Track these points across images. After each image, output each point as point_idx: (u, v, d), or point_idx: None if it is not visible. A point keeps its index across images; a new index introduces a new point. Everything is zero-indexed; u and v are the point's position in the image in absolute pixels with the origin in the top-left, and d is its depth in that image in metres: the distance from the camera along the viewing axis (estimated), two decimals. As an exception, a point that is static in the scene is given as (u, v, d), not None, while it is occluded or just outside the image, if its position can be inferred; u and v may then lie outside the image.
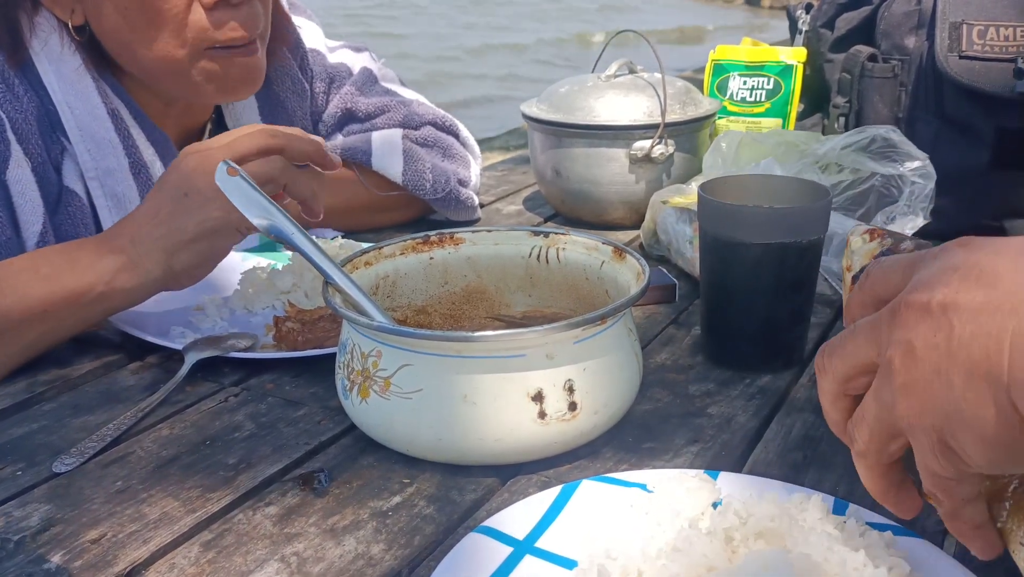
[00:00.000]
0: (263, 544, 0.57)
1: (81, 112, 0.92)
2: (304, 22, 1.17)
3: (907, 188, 0.94)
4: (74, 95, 0.91)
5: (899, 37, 1.09)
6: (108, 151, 0.93)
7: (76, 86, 0.91)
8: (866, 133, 0.96)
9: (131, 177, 0.95)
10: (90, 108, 0.92)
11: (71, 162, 0.93)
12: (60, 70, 0.91)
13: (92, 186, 0.94)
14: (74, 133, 0.92)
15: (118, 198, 0.95)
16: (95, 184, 0.94)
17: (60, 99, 0.91)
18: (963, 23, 1.00)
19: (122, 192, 0.95)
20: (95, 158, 0.93)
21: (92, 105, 0.92)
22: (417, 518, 0.60)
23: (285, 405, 0.75)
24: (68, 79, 0.91)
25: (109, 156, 0.93)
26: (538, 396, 0.62)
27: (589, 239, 0.77)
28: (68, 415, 0.74)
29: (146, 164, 0.96)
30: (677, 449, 0.68)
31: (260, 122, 1.09)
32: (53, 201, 0.92)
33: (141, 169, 0.96)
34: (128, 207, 0.95)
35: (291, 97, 1.10)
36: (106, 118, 0.93)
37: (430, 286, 0.80)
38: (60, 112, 0.91)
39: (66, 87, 0.91)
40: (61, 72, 0.91)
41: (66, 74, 0.91)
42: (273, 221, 0.71)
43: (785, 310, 0.78)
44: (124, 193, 0.95)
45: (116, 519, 0.60)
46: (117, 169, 0.94)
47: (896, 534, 0.53)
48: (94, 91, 0.92)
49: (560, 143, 1.17)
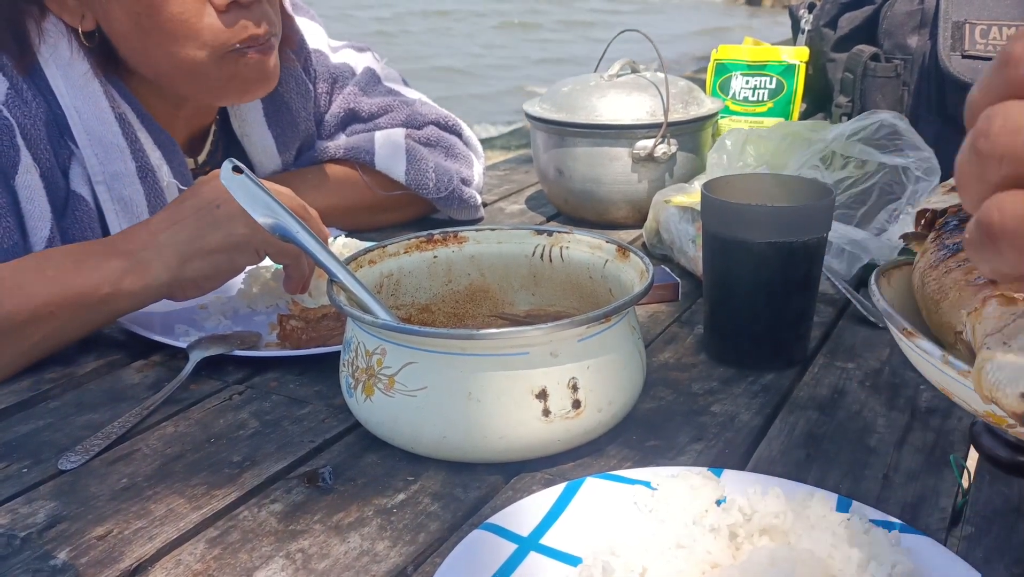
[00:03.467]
0: (268, 541, 0.58)
1: (89, 116, 0.92)
2: (307, 23, 1.17)
3: (911, 185, 0.95)
4: (82, 99, 0.91)
5: (901, 36, 1.10)
6: (115, 155, 0.93)
7: (84, 91, 0.91)
8: (873, 119, 0.96)
9: (138, 181, 0.95)
10: (98, 112, 0.92)
11: (78, 166, 0.93)
12: (68, 75, 0.91)
13: (99, 190, 0.94)
14: (81, 137, 0.92)
15: (125, 202, 0.95)
16: (102, 188, 0.94)
17: (68, 103, 0.91)
18: (965, 22, 1.00)
19: (129, 196, 0.95)
20: (102, 162, 0.93)
21: (100, 109, 0.92)
22: (422, 515, 0.60)
23: (289, 403, 0.75)
24: (76, 84, 0.91)
25: (116, 160, 0.94)
26: (542, 394, 0.62)
27: (592, 238, 0.77)
28: (73, 413, 0.74)
29: (153, 168, 0.96)
30: (681, 447, 0.68)
31: (264, 123, 1.09)
32: (60, 205, 0.92)
33: (148, 173, 0.96)
34: (135, 211, 0.95)
35: (295, 98, 1.11)
36: (113, 122, 0.93)
37: (434, 285, 0.80)
38: (68, 116, 0.91)
39: (74, 92, 0.91)
40: (69, 77, 0.91)
41: (74, 79, 0.91)
42: (278, 220, 0.71)
43: (788, 309, 0.78)
44: (131, 197, 0.95)
45: (122, 516, 0.60)
46: (124, 173, 0.94)
47: (900, 532, 0.53)
48: (102, 95, 0.92)
49: (563, 142, 1.17)
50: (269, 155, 1.11)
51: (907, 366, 0.80)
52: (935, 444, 0.68)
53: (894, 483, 0.63)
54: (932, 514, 0.60)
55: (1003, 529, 0.58)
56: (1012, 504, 0.60)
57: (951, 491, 0.62)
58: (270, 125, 1.09)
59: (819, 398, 0.75)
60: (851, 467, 0.65)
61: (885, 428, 0.70)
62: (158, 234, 0.79)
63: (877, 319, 0.88)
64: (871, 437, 0.69)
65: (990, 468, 0.64)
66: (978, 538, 0.57)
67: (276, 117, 1.09)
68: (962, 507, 0.60)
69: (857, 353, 0.83)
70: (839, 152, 0.98)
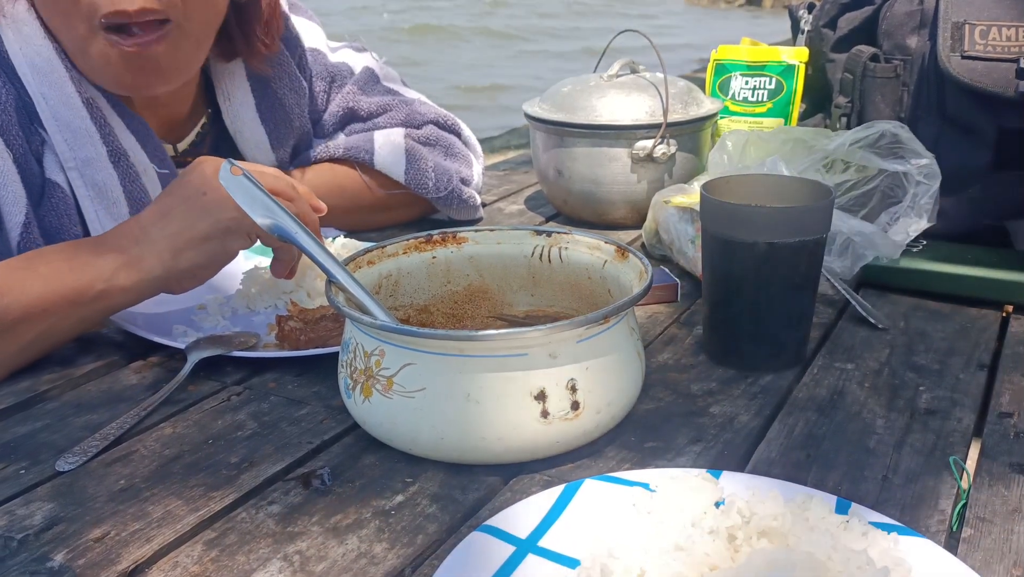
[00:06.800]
0: (266, 543, 0.57)
1: (55, 102, 0.91)
2: (305, 22, 1.17)
3: (911, 188, 0.94)
4: (47, 85, 0.90)
5: (901, 37, 1.09)
6: (85, 140, 0.92)
7: (49, 77, 0.90)
8: (875, 128, 0.96)
9: (111, 165, 0.94)
10: (64, 98, 0.91)
11: (51, 153, 0.92)
12: (34, 61, 0.90)
13: (72, 176, 0.92)
14: (50, 124, 0.91)
15: (99, 188, 0.94)
16: (75, 175, 0.93)
17: (35, 90, 0.90)
18: (965, 23, 1.00)
19: (103, 181, 0.93)
20: (72, 148, 0.92)
21: (66, 95, 0.91)
22: (420, 517, 0.60)
23: (288, 404, 0.75)
24: (41, 70, 0.90)
25: (86, 145, 0.92)
26: (541, 395, 0.62)
27: (591, 238, 0.77)
28: (71, 414, 0.74)
29: (126, 152, 0.95)
30: (679, 448, 0.68)
31: (258, 120, 1.08)
32: (37, 193, 0.91)
33: (121, 157, 0.94)
34: (110, 196, 0.94)
35: (289, 95, 1.10)
36: (81, 107, 0.91)
37: (433, 285, 0.80)
38: (36, 103, 0.90)
39: (40, 78, 0.90)
40: (34, 63, 0.90)
41: (39, 65, 0.90)
42: (276, 220, 0.71)
43: (787, 309, 0.78)
44: (105, 182, 0.94)
45: (119, 518, 0.60)
46: (96, 158, 0.93)
47: (899, 534, 0.53)
48: (67, 80, 0.91)
49: (562, 143, 1.17)
50: (263, 151, 1.11)
51: (907, 367, 0.80)
52: (934, 445, 0.68)
53: (893, 485, 0.63)
54: (931, 516, 0.59)
55: (1002, 531, 0.58)
56: (1011, 506, 0.60)
57: (950, 493, 0.62)
58: (263, 121, 1.09)
59: (818, 399, 0.75)
60: (850, 468, 0.65)
61: (884, 429, 0.70)
62: (148, 228, 0.79)
63: (877, 320, 0.88)
64: (870, 438, 0.69)
65: (990, 470, 0.64)
66: (977, 540, 0.57)
67: (269, 114, 1.09)
68: (961, 509, 0.60)
69: (856, 354, 0.83)
70: (840, 158, 0.98)
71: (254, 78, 1.07)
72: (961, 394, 0.75)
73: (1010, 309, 0.92)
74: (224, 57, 1.05)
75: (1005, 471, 0.64)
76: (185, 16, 0.89)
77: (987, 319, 0.90)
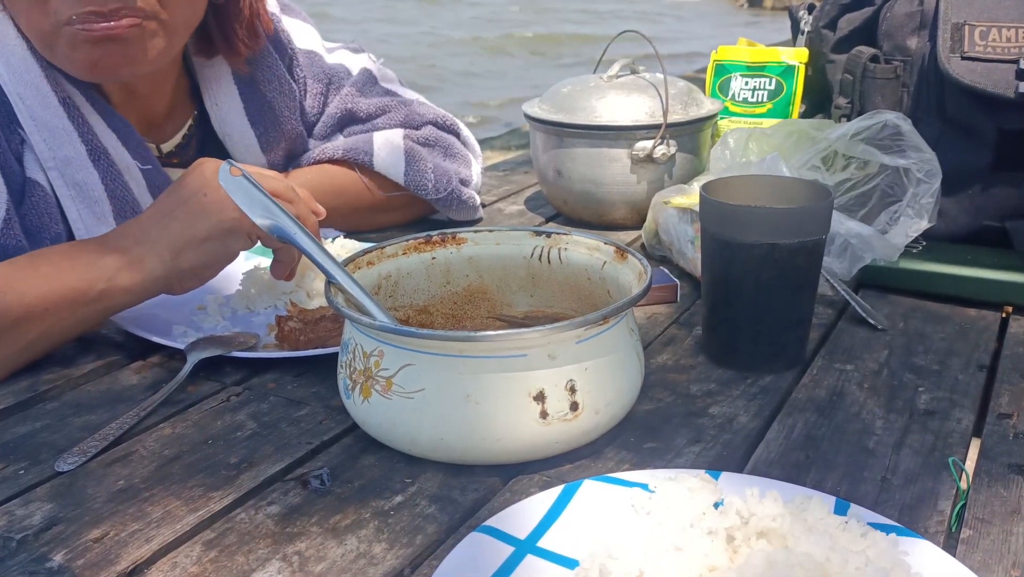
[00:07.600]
0: (265, 543, 0.57)
1: (32, 102, 0.91)
2: (299, 24, 1.17)
3: (912, 187, 0.94)
4: (23, 85, 0.90)
5: (901, 38, 1.09)
6: (63, 139, 0.92)
7: (24, 76, 0.90)
8: (877, 119, 0.96)
9: (91, 164, 0.93)
10: (40, 97, 0.91)
11: (31, 153, 0.92)
12: (9, 61, 0.89)
13: (52, 176, 0.92)
14: (28, 123, 0.91)
15: (80, 187, 0.93)
16: (55, 174, 0.92)
17: (11, 90, 0.90)
18: (965, 24, 1.00)
19: (83, 180, 0.93)
20: (51, 147, 0.92)
21: (42, 94, 0.91)
22: (419, 517, 0.60)
23: (287, 405, 0.75)
24: (16, 69, 0.90)
25: (65, 144, 0.92)
26: (540, 396, 0.62)
27: (591, 239, 0.77)
28: (70, 414, 0.74)
29: (106, 150, 0.94)
30: (679, 449, 0.68)
31: (247, 123, 1.08)
32: (18, 192, 0.91)
33: (101, 156, 0.94)
34: (92, 195, 0.94)
35: (278, 98, 1.10)
36: (58, 106, 0.91)
37: (432, 286, 0.80)
38: (13, 103, 0.90)
39: (15, 78, 0.90)
40: (10, 63, 0.90)
41: (14, 64, 0.90)
42: (276, 221, 0.71)
43: (787, 310, 0.78)
44: (85, 181, 0.93)
45: (118, 518, 0.60)
46: (75, 157, 0.93)
47: (898, 535, 0.53)
48: (43, 79, 0.91)
49: (562, 143, 1.17)
50: (252, 154, 1.10)
51: (906, 368, 0.80)
52: (933, 446, 0.68)
53: (892, 485, 0.63)
54: (930, 517, 0.59)
55: (1001, 532, 0.58)
56: (1010, 507, 0.60)
57: (949, 493, 0.62)
58: (252, 124, 1.08)
59: (817, 400, 0.75)
60: (849, 469, 0.65)
61: (883, 430, 0.70)
62: (149, 229, 0.79)
63: (876, 321, 0.88)
64: (869, 439, 0.69)
65: (989, 471, 0.64)
66: (976, 541, 0.57)
67: (259, 116, 1.09)
68: (960, 510, 0.60)
69: (856, 355, 0.83)
70: (841, 152, 0.98)
71: (241, 80, 1.07)
72: (960, 395, 0.75)
73: (1010, 310, 0.92)
74: (204, 54, 1.04)
75: (1004, 472, 0.64)
76: (162, 7, 0.89)
77: (986, 320, 0.90)
